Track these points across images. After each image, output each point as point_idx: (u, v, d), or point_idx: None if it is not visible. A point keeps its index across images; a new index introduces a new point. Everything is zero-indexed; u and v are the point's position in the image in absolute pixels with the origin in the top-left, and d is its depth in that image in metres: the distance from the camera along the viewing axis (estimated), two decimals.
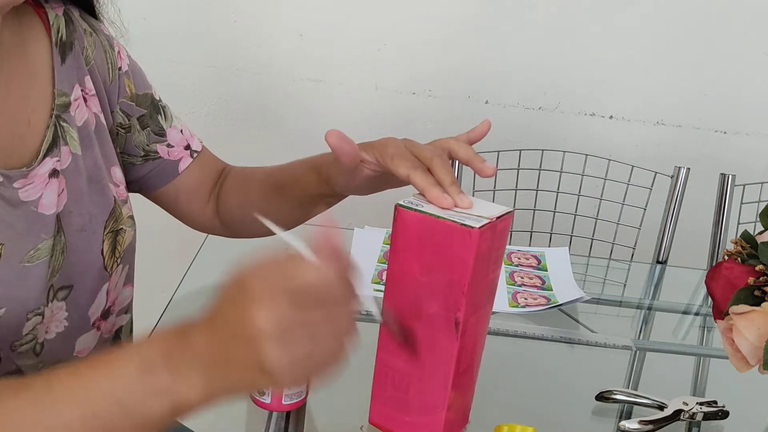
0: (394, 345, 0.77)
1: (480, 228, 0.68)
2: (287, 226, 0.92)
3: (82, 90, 0.78)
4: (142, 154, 0.90)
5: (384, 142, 0.77)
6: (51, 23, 0.75)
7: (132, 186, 0.92)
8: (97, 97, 0.80)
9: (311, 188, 0.85)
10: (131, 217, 0.83)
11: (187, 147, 0.93)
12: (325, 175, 0.82)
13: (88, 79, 0.79)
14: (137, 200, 0.92)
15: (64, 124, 0.74)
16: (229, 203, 0.96)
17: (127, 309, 0.90)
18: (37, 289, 0.71)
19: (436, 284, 0.71)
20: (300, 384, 0.53)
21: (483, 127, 0.80)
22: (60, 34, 0.75)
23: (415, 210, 0.70)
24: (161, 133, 0.91)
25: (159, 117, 0.90)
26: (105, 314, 0.83)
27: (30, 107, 0.72)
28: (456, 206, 0.71)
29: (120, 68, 0.84)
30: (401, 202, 0.71)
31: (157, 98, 0.92)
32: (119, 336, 0.90)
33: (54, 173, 0.72)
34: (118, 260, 0.81)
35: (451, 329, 0.72)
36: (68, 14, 0.78)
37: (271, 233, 0.56)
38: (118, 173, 0.83)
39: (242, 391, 0.54)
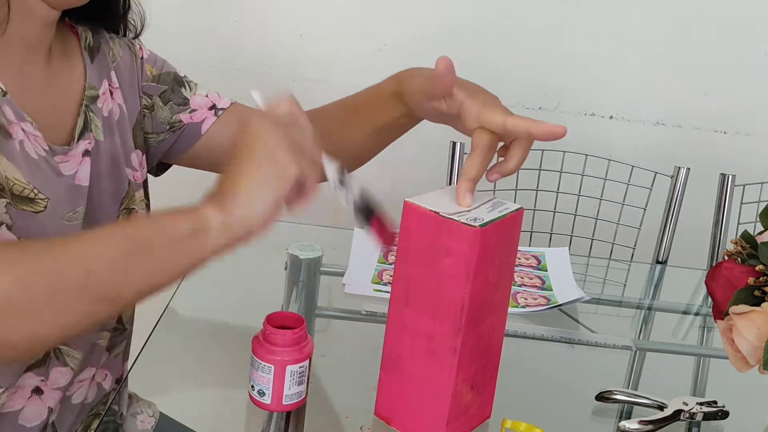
0: (400, 338, 0.78)
1: (481, 227, 0.69)
2: (362, 156, 0.99)
3: (109, 84, 0.89)
4: (168, 128, 0.96)
5: (477, 90, 0.81)
6: (80, 34, 0.89)
7: (166, 158, 0.99)
8: (120, 89, 0.91)
9: (387, 105, 0.91)
10: (143, 201, 0.93)
11: (212, 107, 0.97)
12: (404, 88, 0.88)
13: (113, 74, 0.90)
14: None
15: (91, 114, 0.86)
16: None
17: None
18: None
19: (442, 280, 0.72)
20: (293, 165, 0.65)
21: (556, 130, 0.74)
22: (87, 41, 0.89)
23: (422, 206, 0.72)
24: (184, 103, 0.96)
25: (182, 89, 0.97)
26: None
27: (69, 99, 0.85)
28: (459, 204, 0.73)
29: (142, 57, 0.95)
30: (409, 199, 0.73)
31: (182, 75, 0.98)
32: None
33: (86, 152, 0.84)
34: None
35: (454, 324, 0.72)
36: (94, 29, 0.91)
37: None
38: (135, 159, 0.92)
39: (255, 202, 0.63)
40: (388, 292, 0.85)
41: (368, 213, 0.71)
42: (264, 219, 0.64)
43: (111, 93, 0.89)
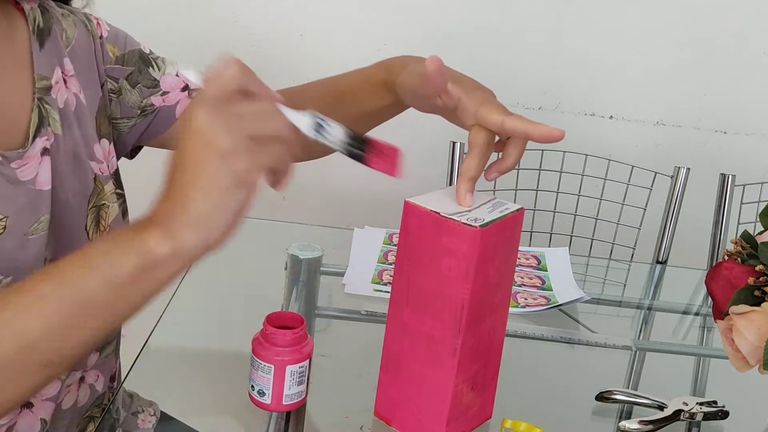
0: (400, 338, 0.78)
1: (481, 227, 0.69)
2: None
3: (62, 72, 0.81)
4: (139, 112, 0.90)
5: (474, 86, 0.79)
6: (27, 14, 0.79)
7: (140, 142, 0.93)
8: (76, 77, 0.83)
9: (376, 93, 0.88)
10: (115, 194, 0.86)
11: (185, 88, 0.92)
12: (395, 80, 0.85)
13: (67, 60, 0.82)
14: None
15: (47, 107, 0.78)
16: None
17: None
18: (39, 260, 0.74)
19: (442, 280, 0.72)
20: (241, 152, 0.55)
21: (553, 133, 0.73)
22: (37, 23, 0.80)
23: (422, 206, 0.72)
24: (154, 85, 0.90)
25: (150, 69, 0.90)
26: None
27: (19, 93, 0.76)
28: (460, 204, 0.73)
29: (101, 36, 0.87)
30: (410, 199, 0.73)
31: (147, 51, 0.91)
32: None
33: (45, 151, 0.76)
34: (104, 234, 0.84)
35: (454, 324, 0.72)
36: (43, 5, 0.82)
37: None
38: (99, 150, 0.85)
39: (212, 222, 0.56)
40: (388, 292, 0.85)
41: (362, 148, 0.65)
42: (224, 235, 0.57)
43: (65, 81, 0.81)
